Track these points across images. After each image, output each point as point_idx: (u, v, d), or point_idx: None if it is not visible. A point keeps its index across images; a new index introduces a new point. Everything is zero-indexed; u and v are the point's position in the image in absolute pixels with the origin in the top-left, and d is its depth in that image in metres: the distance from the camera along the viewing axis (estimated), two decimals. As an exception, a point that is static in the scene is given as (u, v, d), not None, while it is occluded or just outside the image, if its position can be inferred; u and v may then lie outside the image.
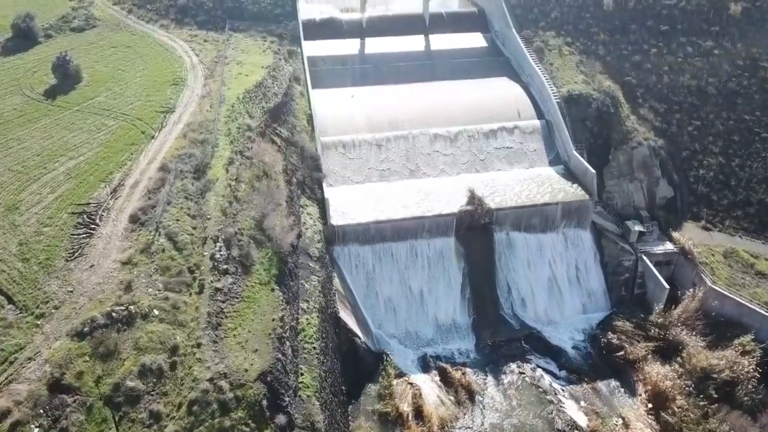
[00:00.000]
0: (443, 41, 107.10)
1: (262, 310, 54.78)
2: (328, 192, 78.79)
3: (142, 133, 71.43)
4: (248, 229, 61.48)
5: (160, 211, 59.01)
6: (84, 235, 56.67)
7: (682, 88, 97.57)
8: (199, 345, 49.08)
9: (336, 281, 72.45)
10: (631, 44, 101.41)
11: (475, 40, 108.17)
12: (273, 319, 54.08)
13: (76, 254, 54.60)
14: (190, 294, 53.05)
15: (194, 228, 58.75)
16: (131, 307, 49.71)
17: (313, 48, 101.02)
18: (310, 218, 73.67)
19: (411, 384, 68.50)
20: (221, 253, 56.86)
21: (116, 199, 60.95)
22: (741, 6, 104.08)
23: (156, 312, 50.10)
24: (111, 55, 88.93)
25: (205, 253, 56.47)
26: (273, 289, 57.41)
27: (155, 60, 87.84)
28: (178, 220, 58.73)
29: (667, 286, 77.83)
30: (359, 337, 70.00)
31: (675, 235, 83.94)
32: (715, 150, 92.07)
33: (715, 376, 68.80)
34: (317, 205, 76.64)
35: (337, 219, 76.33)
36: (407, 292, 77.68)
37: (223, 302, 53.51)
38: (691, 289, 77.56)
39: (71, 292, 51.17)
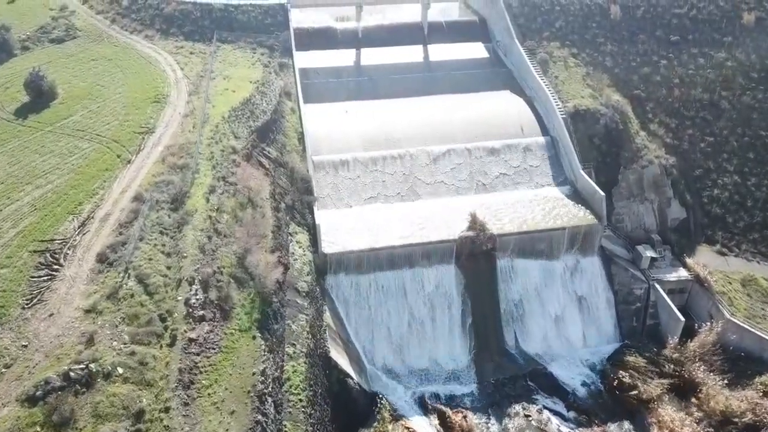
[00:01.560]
0: (442, 52, 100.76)
1: (241, 362, 48.56)
2: (320, 216, 72.51)
3: (117, 157, 65.16)
4: (229, 267, 55.27)
5: (131, 248, 52.79)
6: (45, 278, 50.44)
7: (693, 102, 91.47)
8: (167, 409, 42.87)
9: (327, 316, 66.23)
10: (639, 55, 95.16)
11: (475, 50, 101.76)
12: (253, 373, 47.88)
13: (35, 300, 48.37)
14: (161, 346, 46.82)
15: (168, 268, 52.51)
16: (92, 365, 43.46)
17: (305, 59, 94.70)
18: (300, 247, 67.44)
19: (408, 429, 62.52)
20: (197, 297, 50.61)
21: (84, 234, 54.68)
22: (755, 15, 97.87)
23: (120, 370, 43.88)
24: (90, 69, 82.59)
25: (179, 298, 50.23)
26: (254, 337, 51.16)
27: (137, 74, 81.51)
28: (150, 259, 52.48)
29: (682, 319, 71.65)
30: (352, 378, 63.76)
31: (689, 261, 77.83)
32: (730, 168, 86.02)
33: (735, 420, 62.81)
34: (307, 232, 70.41)
35: (328, 246, 70.13)
36: (404, 324, 71.45)
37: (198, 354, 47.29)
38: (707, 322, 71.48)
39: (26, 346, 44.95)
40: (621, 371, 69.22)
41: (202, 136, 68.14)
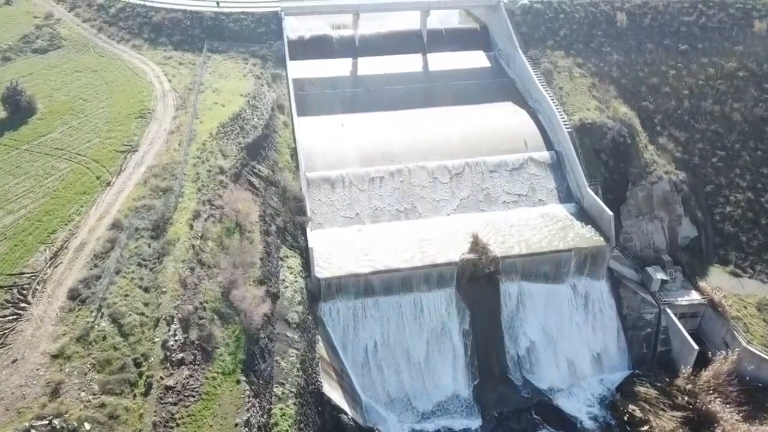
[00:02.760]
0: (442, 61, 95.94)
1: (223, 410, 43.99)
2: (313, 237, 67.98)
3: (97, 178, 60.45)
4: (212, 302, 50.64)
5: (106, 283, 48.15)
6: (11, 317, 45.80)
7: (704, 114, 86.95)
8: (139, 470, 38.37)
9: (320, 346, 61.63)
10: (647, 65, 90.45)
11: (476, 59, 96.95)
12: (236, 424, 43.31)
13: (-2, 344, 43.78)
14: (134, 396, 42.17)
15: (146, 305, 47.84)
16: (56, 420, 38.89)
17: (299, 69, 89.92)
18: (291, 273, 62.83)
19: (406, 467, 58.10)
20: (176, 338, 45.97)
21: (55, 267, 50.00)
22: (766, 23, 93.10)
23: (87, 426, 39.28)
24: (73, 81, 77.77)
25: (157, 339, 45.57)
26: (238, 381, 46.56)
27: (122, 87, 76.75)
28: (126, 295, 47.83)
29: (696, 347, 67.15)
30: (346, 413, 59.22)
31: (701, 284, 73.36)
32: (743, 184, 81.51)
33: (755, 458, 58.39)
34: (300, 255, 65.81)
35: (322, 271, 65.58)
36: (402, 353, 66.99)
37: (175, 404, 42.68)
38: (722, 351, 66.99)
39: (-16, 399, 40.40)
40: (631, 404, 64.71)
41: (187, 155, 63.46)
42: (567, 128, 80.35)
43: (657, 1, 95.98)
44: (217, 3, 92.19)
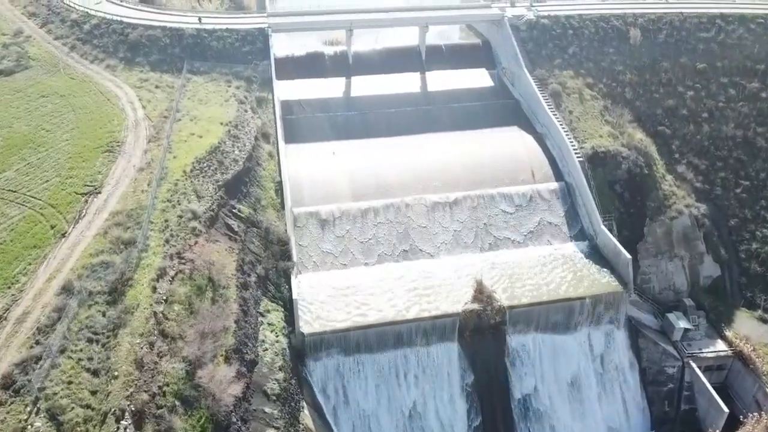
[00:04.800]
0: (442, 80, 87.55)
1: None
2: (298, 285, 60.09)
3: (51, 228, 52.17)
4: (174, 384, 42.43)
5: (47, 367, 39.94)
6: (-72, 414, 37.63)
7: (725, 139, 78.91)
8: None
9: (305, 414, 53.33)
10: (663, 85, 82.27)
11: (479, 78, 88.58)
12: None
13: None
14: None
15: (94, 393, 39.59)
16: None
17: (288, 90, 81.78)
18: (272, 331, 54.67)
19: None
20: (126, 438, 37.86)
21: (-11, 345, 41.85)
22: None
23: None
24: (38, 108, 69.39)
25: (103, 440, 37.47)
26: (201, 488, 38.48)
27: (91, 115, 68.30)
28: (70, 382, 39.55)
29: (725, 410, 59.12)
30: (335, 494, 51.24)
31: (728, 333, 65.25)
32: (771, 218, 73.37)
33: None
34: (283, 307, 57.67)
35: (307, 324, 57.53)
36: (398, 416, 58.91)
37: None
38: (754, 414, 58.88)
39: None
40: (655, 477, 56.72)
41: (156, 199, 55.17)
42: (578, 157, 72.24)
43: (672, 16, 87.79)
44: (199, 19, 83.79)
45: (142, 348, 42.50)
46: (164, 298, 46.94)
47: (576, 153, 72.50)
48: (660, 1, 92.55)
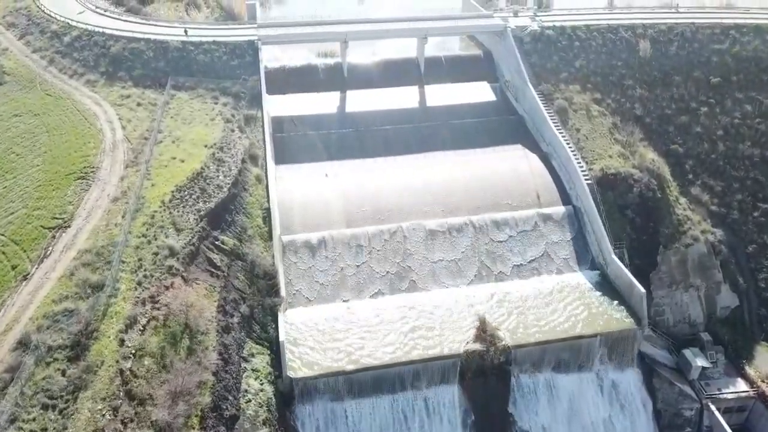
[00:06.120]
0: (442, 94, 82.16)
1: None
2: (286, 322, 55.16)
3: (12, 269, 47.04)
4: (141, 455, 37.36)
5: (-6, 441, 34.89)
6: None
7: (742, 158, 73.71)
8: None
9: (293, 469, 48.38)
10: (675, 101, 77.03)
11: (480, 92, 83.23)
12: None
13: None
14: None
15: (46, 472, 34.55)
16: None
17: (278, 105, 76.46)
18: (257, 378, 49.52)
19: None
20: None
21: (-68, 413, 36.65)
22: (809, 52, 79.58)
23: None
24: (9, 129, 64.17)
25: None
26: None
27: (66, 136, 63.07)
28: (19, 459, 34.54)
29: (749, 461, 53.86)
30: None
31: (749, 371, 60.15)
32: (791, 244, 68.10)
33: None
34: (269, 349, 52.53)
35: (296, 369, 52.35)
36: (396, 466, 53.80)
37: None
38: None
39: None
40: None
41: (130, 234, 49.99)
42: (586, 179, 67.07)
43: (684, 27, 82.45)
44: (185, 31, 78.35)
45: (104, 415, 37.40)
46: (132, 352, 41.82)
47: (584, 175, 67.38)
48: (670, 11, 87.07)
